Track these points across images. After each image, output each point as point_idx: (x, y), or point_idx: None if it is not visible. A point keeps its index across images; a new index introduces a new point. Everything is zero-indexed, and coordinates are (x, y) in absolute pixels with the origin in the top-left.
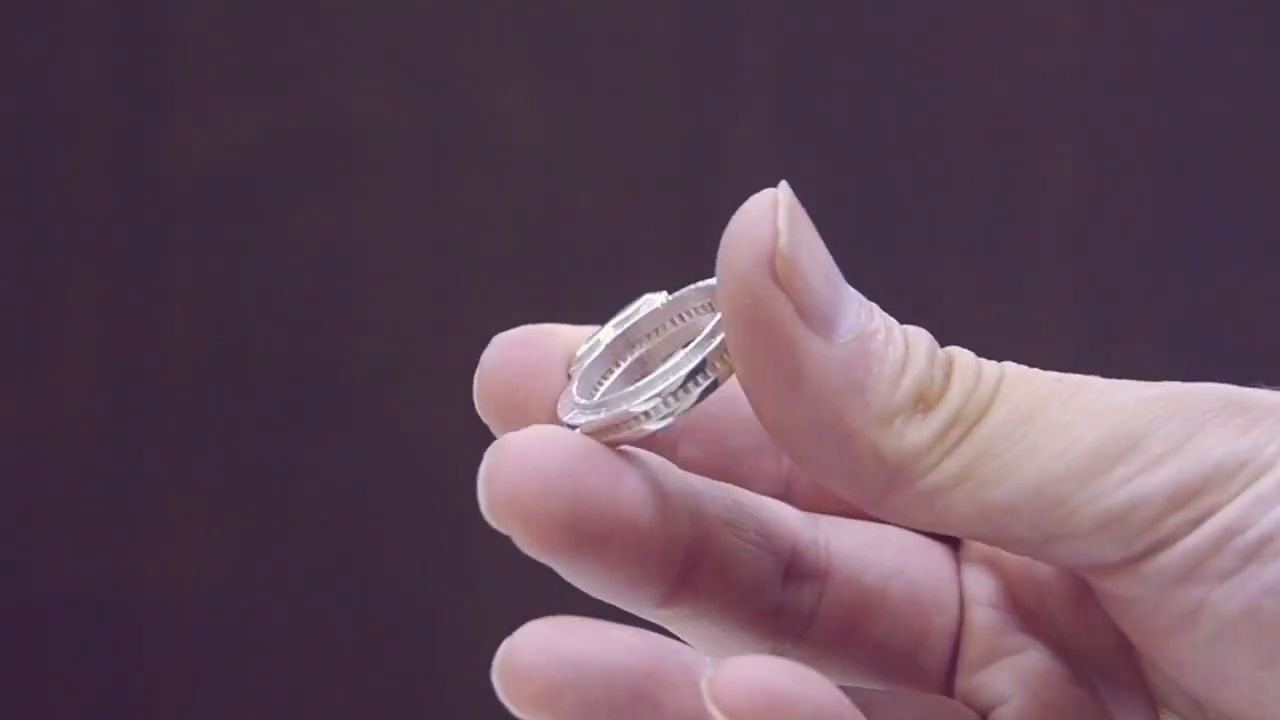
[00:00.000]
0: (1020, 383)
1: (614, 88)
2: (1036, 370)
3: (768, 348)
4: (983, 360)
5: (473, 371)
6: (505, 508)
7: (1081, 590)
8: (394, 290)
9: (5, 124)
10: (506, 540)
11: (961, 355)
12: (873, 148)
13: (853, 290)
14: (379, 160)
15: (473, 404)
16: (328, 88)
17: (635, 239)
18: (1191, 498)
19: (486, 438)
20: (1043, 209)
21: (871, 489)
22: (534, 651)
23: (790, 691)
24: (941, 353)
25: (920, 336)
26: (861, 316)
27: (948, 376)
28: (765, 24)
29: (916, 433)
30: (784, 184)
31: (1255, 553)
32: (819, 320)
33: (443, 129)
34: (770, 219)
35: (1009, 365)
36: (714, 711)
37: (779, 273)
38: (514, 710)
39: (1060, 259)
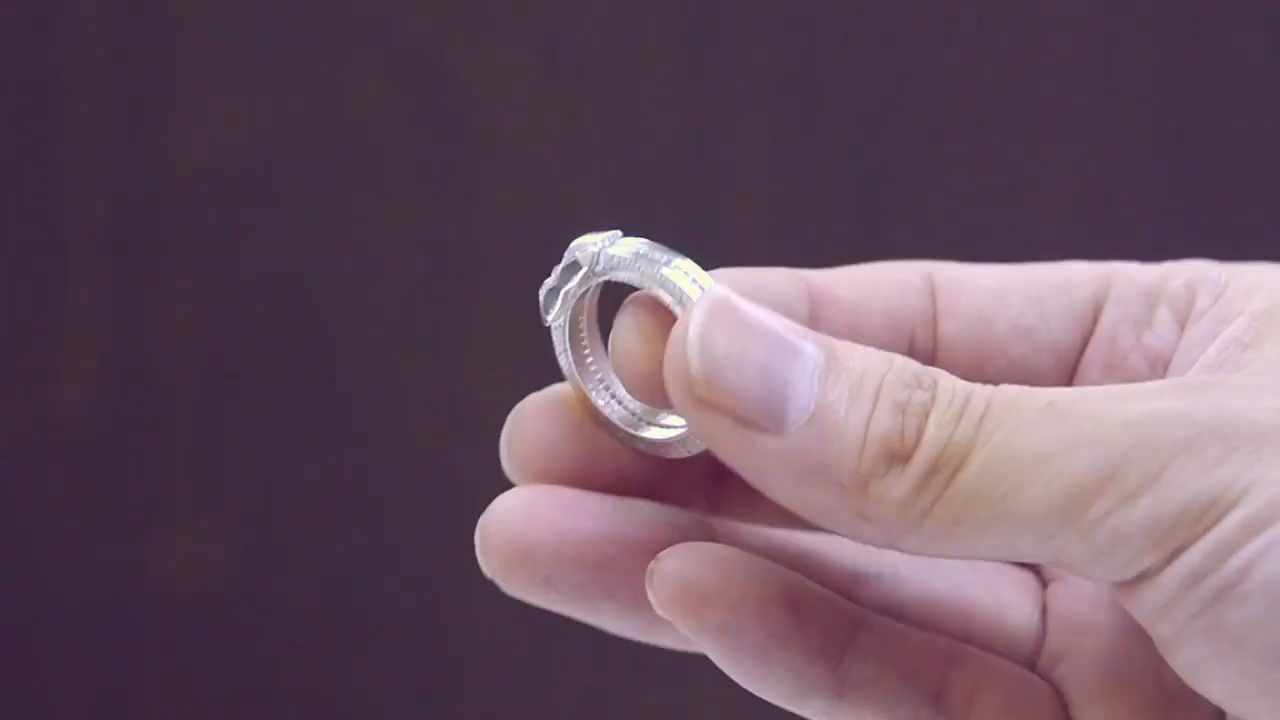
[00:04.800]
0: (1008, 412)
1: (614, 87)
2: (1031, 392)
3: (730, 456)
4: (973, 388)
5: (472, 371)
6: (522, 468)
7: None
8: (395, 290)
9: (6, 124)
10: None
11: (944, 386)
12: (872, 148)
13: (807, 351)
14: (379, 160)
15: (473, 406)
16: (328, 87)
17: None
18: (1163, 536)
19: (487, 438)
20: (1042, 209)
21: (878, 542)
22: (499, 522)
23: (708, 588)
24: (920, 394)
25: (896, 379)
26: (814, 390)
27: (923, 420)
28: (765, 23)
29: (896, 488)
30: (712, 289)
31: (1216, 599)
32: (762, 420)
33: (443, 129)
34: (681, 348)
35: (1001, 391)
36: (650, 598)
37: (702, 398)
38: (486, 571)
39: (1060, 260)
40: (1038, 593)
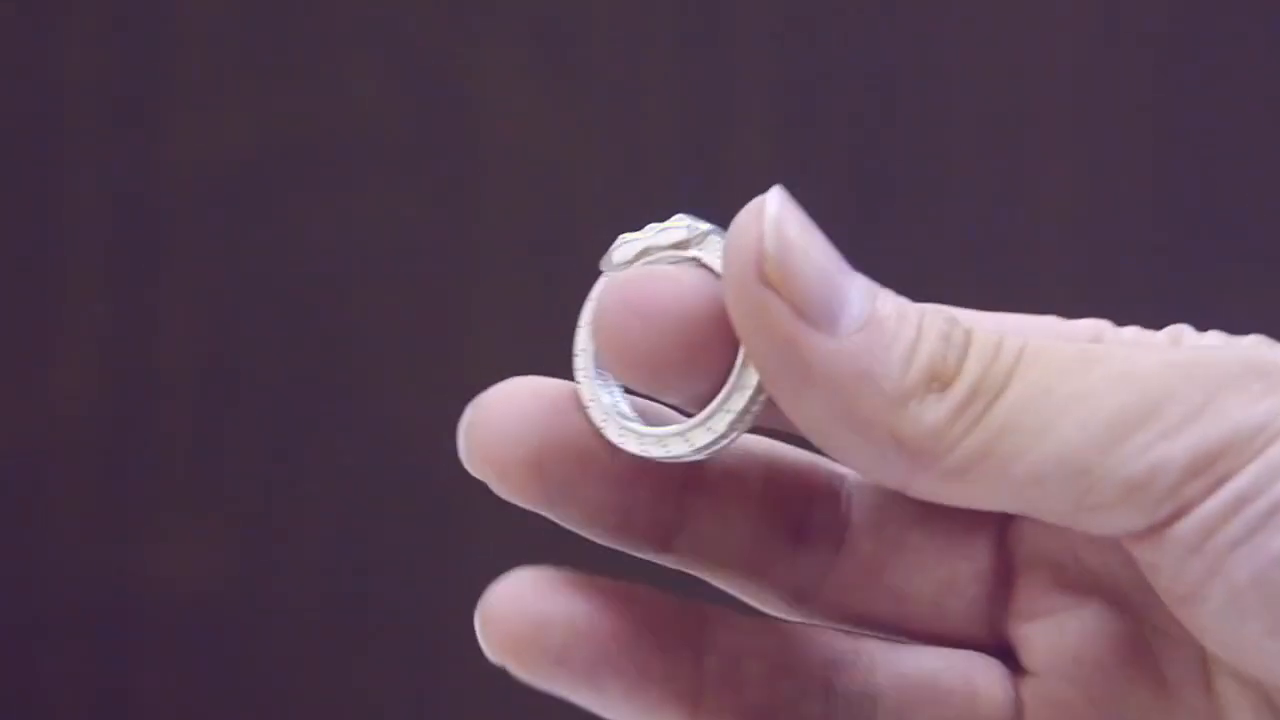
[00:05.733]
0: (1040, 356)
1: (614, 85)
2: (1060, 343)
3: (773, 349)
4: (1005, 336)
5: (471, 371)
6: (481, 460)
7: None
8: (394, 289)
9: (5, 124)
10: (508, 539)
11: (981, 331)
12: (872, 148)
13: (860, 278)
14: (379, 160)
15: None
16: (328, 87)
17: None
18: (1209, 464)
19: None
20: (1042, 209)
21: (898, 473)
22: (507, 601)
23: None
24: (960, 330)
25: (935, 316)
26: (867, 306)
27: (963, 354)
28: (765, 22)
29: (933, 412)
30: (777, 187)
31: (1265, 521)
32: (818, 316)
33: (442, 129)
34: (756, 226)
35: (1032, 340)
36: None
37: (768, 276)
38: (486, 653)
39: (1060, 262)
40: (1009, 680)
